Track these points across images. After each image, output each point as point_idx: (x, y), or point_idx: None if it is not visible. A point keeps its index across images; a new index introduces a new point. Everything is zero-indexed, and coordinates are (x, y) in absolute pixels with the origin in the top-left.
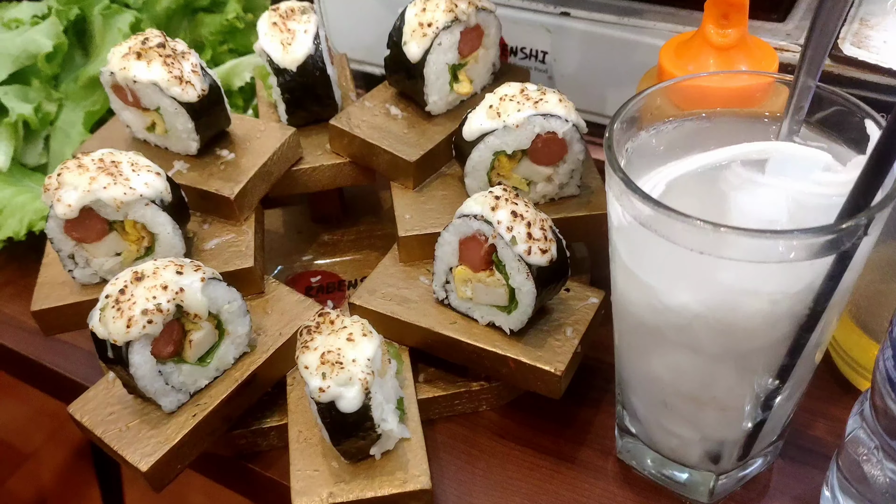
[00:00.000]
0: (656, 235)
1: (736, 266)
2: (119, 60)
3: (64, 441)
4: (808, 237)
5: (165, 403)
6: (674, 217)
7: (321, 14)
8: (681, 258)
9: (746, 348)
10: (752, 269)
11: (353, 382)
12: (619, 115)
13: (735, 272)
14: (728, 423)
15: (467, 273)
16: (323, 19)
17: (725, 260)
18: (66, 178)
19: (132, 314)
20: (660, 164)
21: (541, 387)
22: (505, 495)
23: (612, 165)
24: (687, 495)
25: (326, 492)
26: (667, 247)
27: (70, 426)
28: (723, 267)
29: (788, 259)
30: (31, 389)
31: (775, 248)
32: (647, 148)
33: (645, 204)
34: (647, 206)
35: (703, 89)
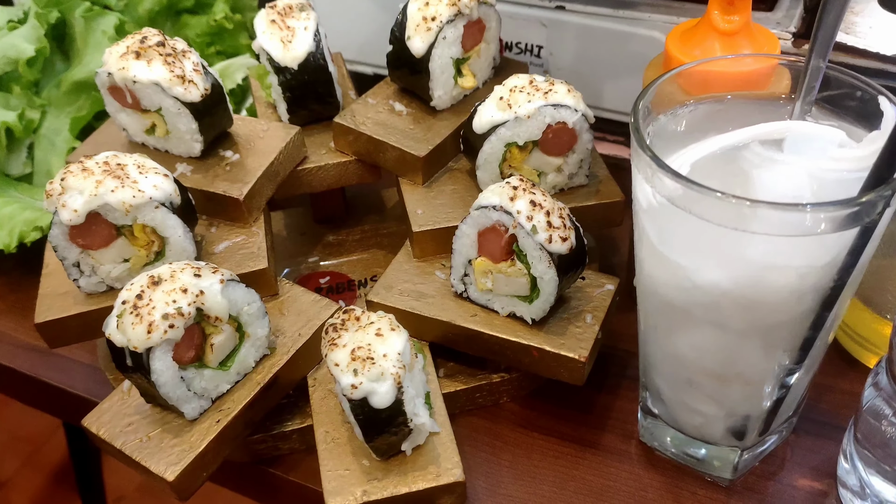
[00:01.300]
0: (688, 214)
1: (766, 241)
2: (117, 60)
3: (41, 466)
4: (839, 209)
5: (188, 410)
6: (708, 194)
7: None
8: (712, 235)
9: (772, 323)
10: (782, 244)
11: (385, 377)
12: (643, 97)
13: (766, 247)
14: (752, 398)
15: (487, 264)
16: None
17: (757, 235)
18: (70, 183)
19: (152, 319)
20: (680, 147)
21: (564, 374)
22: (533, 484)
23: (642, 147)
24: (711, 472)
25: (360, 490)
26: (698, 225)
27: (47, 450)
28: (754, 242)
29: (818, 232)
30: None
31: (807, 221)
32: (666, 131)
33: (678, 183)
34: (681, 185)
35: (714, 74)
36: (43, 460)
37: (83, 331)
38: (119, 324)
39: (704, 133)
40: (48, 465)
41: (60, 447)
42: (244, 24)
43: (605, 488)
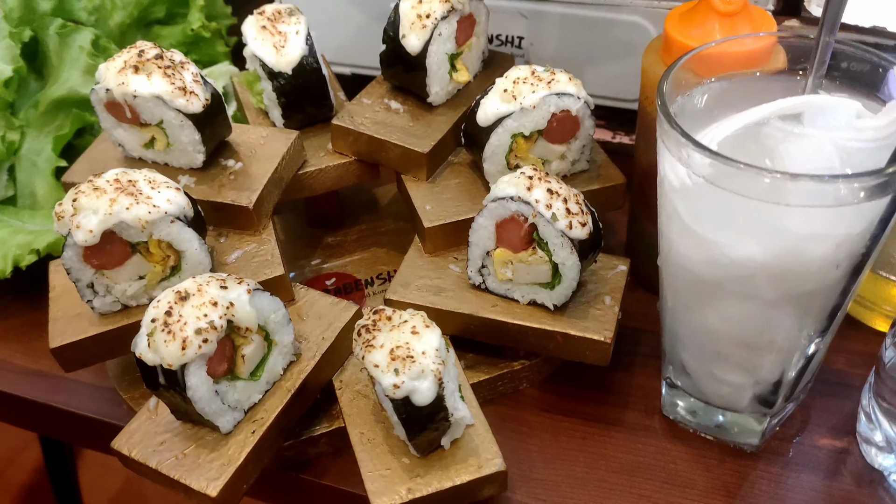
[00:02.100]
0: (724, 192)
1: (805, 213)
2: (115, 76)
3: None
4: (877, 178)
5: (223, 424)
6: (750, 171)
7: None
8: (749, 210)
9: (805, 291)
10: (821, 214)
11: (425, 374)
12: (666, 80)
13: (804, 219)
14: (782, 364)
15: (507, 255)
16: None
17: (795, 208)
18: (83, 203)
19: (185, 335)
20: (702, 128)
21: (589, 356)
22: (564, 466)
23: (675, 129)
24: (737, 440)
25: (404, 488)
26: (736, 201)
27: (17, 468)
28: (792, 215)
29: (856, 201)
30: None
31: (845, 191)
32: (685, 113)
33: (718, 162)
34: (720, 164)
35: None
36: (13, 478)
37: (99, 352)
38: (150, 342)
39: (723, 112)
40: (18, 483)
41: (30, 463)
42: (219, 31)
43: (634, 464)
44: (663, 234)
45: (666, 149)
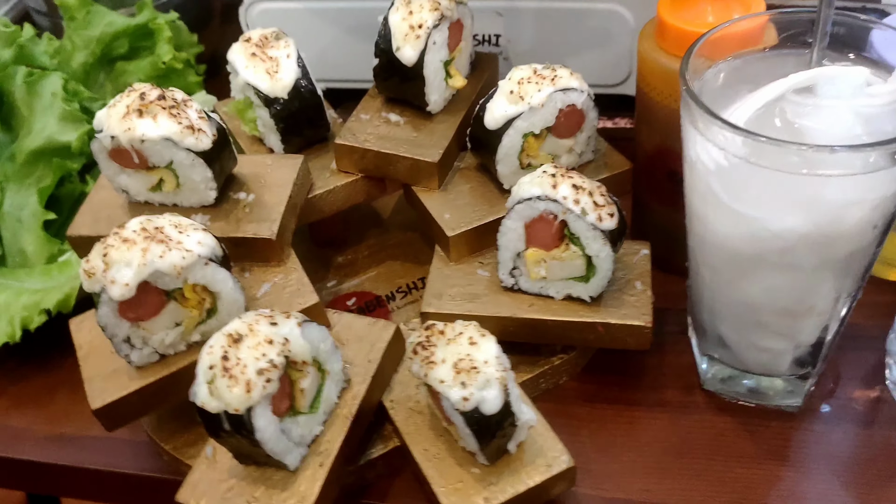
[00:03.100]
0: (763, 169)
1: (842, 181)
2: (119, 122)
3: None
4: None
5: (291, 461)
6: (788, 147)
7: None
8: (788, 185)
9: (843, 255)
10: (857, 181)
11: (491, 383)
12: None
13: (841, 187)
14: (822, 326)
15: (540, 254)
16: None
17: (832, 177)
18: (114, 257)
19: (248, 377)
20: (723, 109)
21: (630, 342)
22: (618, 454)
23: (706, 110)
24: (779, 403)
25: (481, 498)
26: (774, 177)
27: None
28: (830, 184)
29: (888, 165)
30: None
31: (880, 156)
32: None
33: (757, 141)
34: (759, 143)
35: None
36: None
37: (142, 406)
38: (212, 389)
39: (737, 92)
40: None
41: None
42: (189, 61)
43: (684, 442)
44: (696, 215)
45: (697, 132)
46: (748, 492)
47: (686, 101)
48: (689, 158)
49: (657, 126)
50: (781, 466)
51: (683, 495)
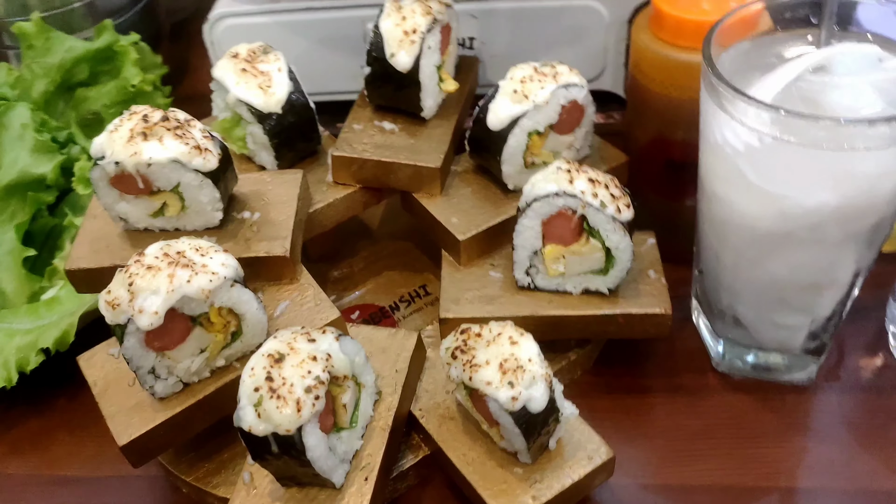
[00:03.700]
0: (796, 147)
1: (874, 154)
2: (124, 147)
3: None
4: None
5: (337, 479)
6: (825, 123)
7: (215, 54)
8: (821, 161)
9: (868, 226)
10: (888, 153)
11: (537, 381)
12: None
13: (874, 160)
14: (839, 299)
15: (559, 250)
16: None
17: (864, 151)
18: (140, 285)
19: (297, 396)
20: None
21: (650, 331)
22: (644, 441)
23: (738, 92)
24: (793, 379)
25: (529, 497)
26: (807, 154)
27: None
28: (862, 158)
29: None
30: None
31: None
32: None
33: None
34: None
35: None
36: None
37: (169, 439)
38: (260, 412)
39: (749, 78)
40: None
41: None
42: (155, 83)
43: (707, 424)
44: (718, 198)
45: (725, 115)
46: (778, 465)
47: (711, 85)
48: (713, 142)
49: (653, 116)
50: (804, 438)
51: (717, 475)
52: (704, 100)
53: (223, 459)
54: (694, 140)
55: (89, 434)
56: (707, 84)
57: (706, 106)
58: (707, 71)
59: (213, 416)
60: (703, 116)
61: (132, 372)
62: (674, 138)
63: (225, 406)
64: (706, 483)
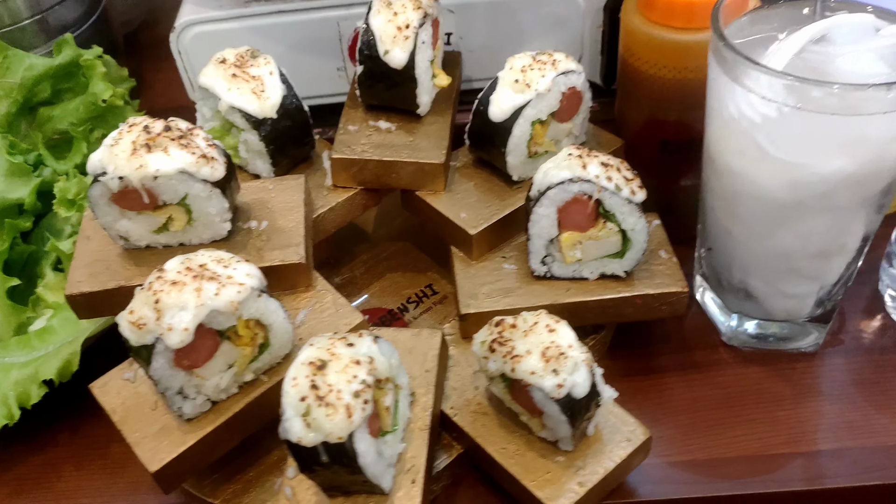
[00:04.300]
0: (812, 114)
1: (886, 118)
2: (128, 161)
3: None
4: None
5: (386, 484)
6: (845, 89)
7: (183, 63)
8: (837, 127)
9: (878, 190)
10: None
11: (579, 367)
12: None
13: (886, 124)
14: (848, 263)
15: (575, 236)
16: (187, 69)
17: (876, 116)
18: (166, 302)
19: (346, 402)
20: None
21: (666, 310)
22: (667, 419)
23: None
24: (800, 346)
25: (575, 484)
26: (822, 121)
27: None
28: (874, 122)
29: None
30: None
31: None
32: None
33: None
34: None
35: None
36: None
37: (199, 461)
38: (309, 422)
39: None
40: None
41: None
42: (124, 96)
43: (726, 396)
44: (730, 172)
45: (741, 88)
46: (800, 426)
47: (725, 59)
48: (727, 117)
49: (646, 99)
50: (819, 401)
51: (741, 445)
52: (715, 76)
53: (249, 479)
54: (688, 120)
55: (97, 466)
56: (719, 59)
57: (718, 82)
58: (719, 45)
59: (243, 433)
60: (714, 92)
61: (156, 395)
62: (668, 119)
63: (254, 422)
64: (732, 455)
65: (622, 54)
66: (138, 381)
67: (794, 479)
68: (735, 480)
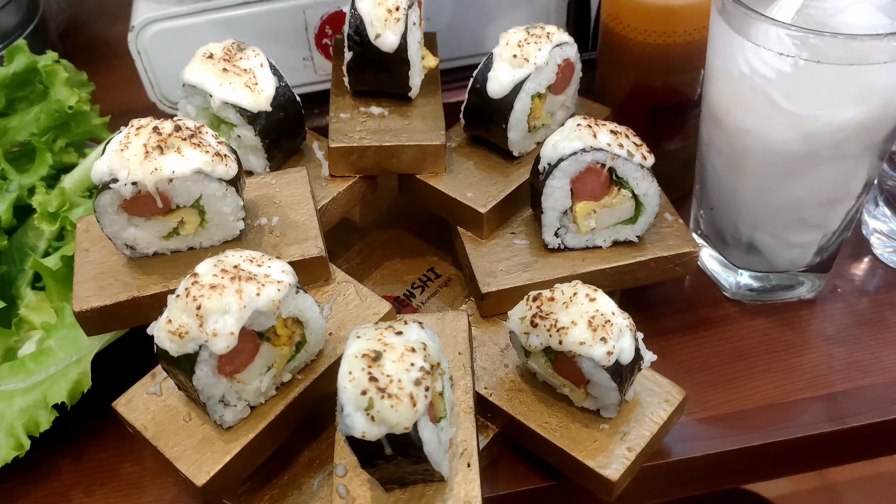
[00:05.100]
0: (828, 66)
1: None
2: (141, 165)
3: None
4: None
5: (445, 470)
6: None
7: (143, 64)
8: (848, 78)
9: (883, 136)
10: None
11: (623, 332)
12: None
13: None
14: (848, 210)
15: (590, 205)
16: (147, 69)
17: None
18: (208, 307)
19: (408, 391)
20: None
21: (680, 270)
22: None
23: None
24: (800, 295)
25: (624, 449)
26: (836, 73)
27: None
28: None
29: None
30: None
31: None
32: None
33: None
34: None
35: None
36: None
37: (243, 469)
38: (373, 415)
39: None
40: None
41: None
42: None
43: (738, 350)
44: (742, 129)
45: (752, 45)
46: (814, 371)
47: (734, 16)
48: (736, 75)
49: (632, 66)
50: (828, 344)
51: (761, 395)
52: (721, 34)
53: (284, 482)
54: (675, 83)
55: (109, 490)
56: (728, 17)
57: (723, 41)
58: (730, 4)
59: (283, 435)
60: (720, 52)
61: (187, 406)
62: (654, 85)
63: (293, 423)
64: (754, 405)
65: (606, 23)
66: (165, 394)
67: (819, 421)
68: (763, 430)
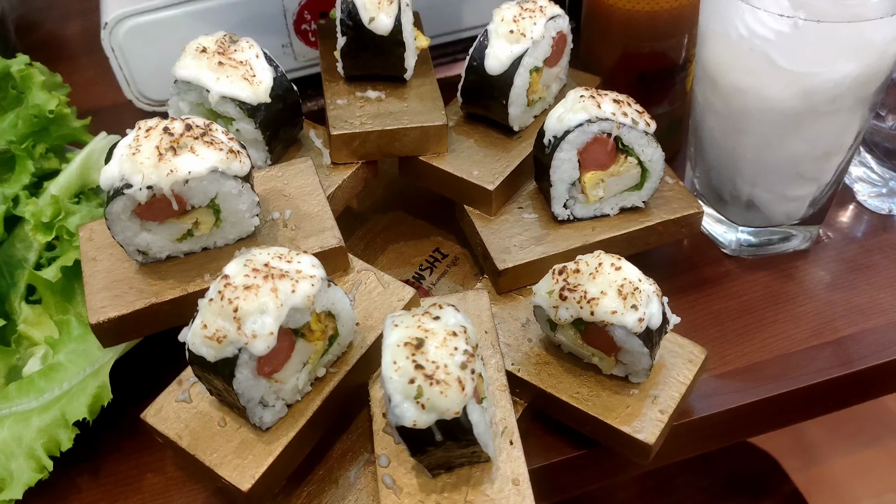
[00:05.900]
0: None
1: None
2: (156, 168)
3: None
4: None
5: (491, 451)
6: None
7: (118, 61)
8: (844, 35)
9: (876, 88)
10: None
11: (651, 298)
12: None
13: (888, 27)
14: (840, 161)
15: (598, 175)
16: (122, 66)
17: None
18: (245, 308)
19: (456, 375)
20: None
21: (685, 232)
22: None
23: None
24: (796, 246)
25: (656, 411)
26: (834, 31)
27: None
28: (878, 26)
29: None
30: None
31: None
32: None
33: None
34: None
35: None
36: None
37: (284, 469)
38: (423, 403)
39: None
40: None
41: None
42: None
43: (744, 305)
44: (741, 90)
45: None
46: (818, 318)
47: None
48: (735, 38)
49: (619, 34)
50: (828, 292)
51: (774, 346)
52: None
53: (320, 477)
54: (662, 49)
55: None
56: None
57: (719, 5)
58: None
59: (322, 431)
60: (716, 16)
61: (220, 411)
62: (642, 51)
63: (329, 418)
64: (768, 357)
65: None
66: (195, 401)
67: (831, 366)
68: (779, 380)
